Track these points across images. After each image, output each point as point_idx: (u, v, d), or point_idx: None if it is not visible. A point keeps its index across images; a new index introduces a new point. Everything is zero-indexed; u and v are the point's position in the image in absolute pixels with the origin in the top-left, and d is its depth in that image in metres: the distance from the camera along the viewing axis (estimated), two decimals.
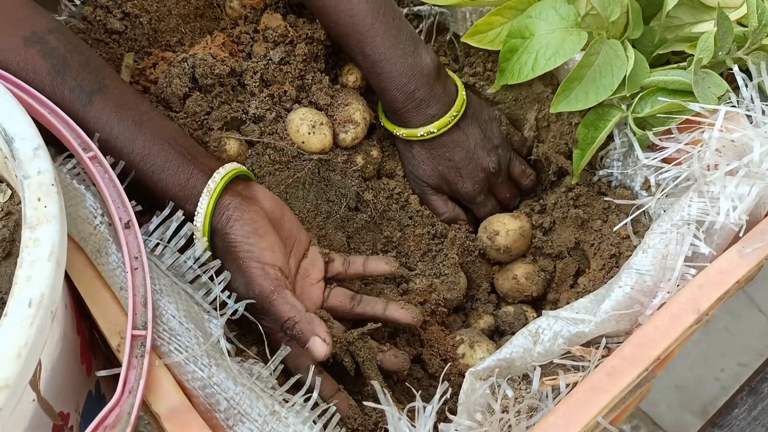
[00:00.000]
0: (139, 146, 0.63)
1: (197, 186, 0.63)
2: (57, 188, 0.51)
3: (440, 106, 0.74)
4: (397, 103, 0.74)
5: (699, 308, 0.55)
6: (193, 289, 0.61)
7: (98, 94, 0.63)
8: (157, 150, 0.63)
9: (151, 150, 0.63)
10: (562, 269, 0.76)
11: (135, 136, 0.63)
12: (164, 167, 0.63)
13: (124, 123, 0.63)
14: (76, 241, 0.60)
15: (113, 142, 0.63)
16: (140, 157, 0.63)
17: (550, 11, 0.67)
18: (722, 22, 0.67)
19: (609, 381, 0.51)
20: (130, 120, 0.63)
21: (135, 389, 0.53)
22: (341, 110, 0.74)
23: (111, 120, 0.63)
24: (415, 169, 0.79)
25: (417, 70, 0.73)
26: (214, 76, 0.71)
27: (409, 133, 0.75)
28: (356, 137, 0.75)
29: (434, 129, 0.74)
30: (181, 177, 0.63)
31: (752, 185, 0.57)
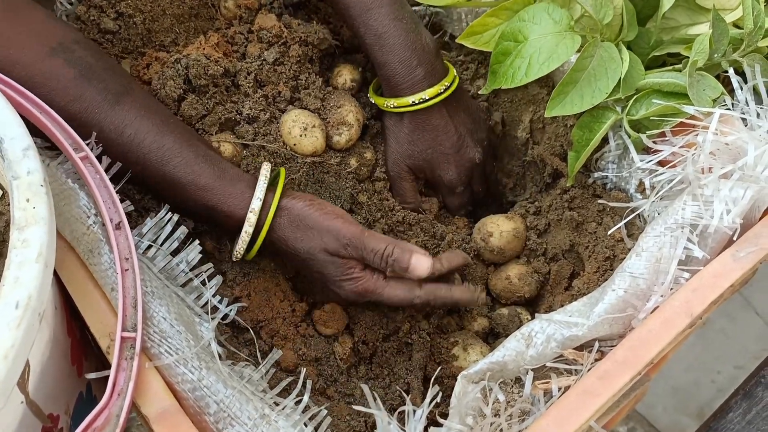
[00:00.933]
0: (169, 141, 0.64)
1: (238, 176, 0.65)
2: (46, 189, 0.50)
3: (436, 80, 0.74)
4: (397, 77, 0.73)
5: (692, 312, 0.54)
6: (185, 292, 0.60)
7: (125, 95, 0.64)
8: (187, 146, 0.64)
9: (182, 145, 0.64)
10: (557, 271, 0.75)
11: (165, 133, 0.64)
12: (197, 160, 0.64)
13: (153, 120, 0.64)
14: (68, 240, 0.60)
15: (143, 137, 0.63)
16: (171, 152, 0.64)
17: (543, 15, 0.67)
18: (718, 24, 0.67)
19: (601, 385, 0.51)
20: (158, 118, 0.65)
21: (124, 392, 0.52)
22: (334, 112, 0.74)
23: (140, 117, 0.64)
24: (401, 147, 0.77)
25: (419, 46, 0.72)
26: (207, 77, 0.71)
27: (401, 102, 0.74)
28: (350, 139, 0.75)
29: (426, 96, 0.73)
30: (215, 169, 0.64)
31: (746, 188, 0.57)
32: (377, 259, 0.64)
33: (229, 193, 0.64)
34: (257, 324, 0.67)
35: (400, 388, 0.68)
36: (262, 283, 0.69)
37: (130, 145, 0.63)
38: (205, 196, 0.64)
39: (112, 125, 0.63)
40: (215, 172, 0.64)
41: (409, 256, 0.64)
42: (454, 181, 0.78)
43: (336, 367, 0.69)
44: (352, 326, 0.72)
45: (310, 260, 0.65)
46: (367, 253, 0.64)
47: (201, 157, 0.65)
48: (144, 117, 0.64)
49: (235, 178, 0.65)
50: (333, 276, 0.66)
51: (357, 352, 0.70)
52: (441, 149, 0.77)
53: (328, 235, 0.64)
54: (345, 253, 0.65)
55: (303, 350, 0.67)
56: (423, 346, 0.71)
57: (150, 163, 0.63)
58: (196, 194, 0.64)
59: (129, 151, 0.63)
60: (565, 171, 0.76)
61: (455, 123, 0.77)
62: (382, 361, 0.71)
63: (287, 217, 0.65)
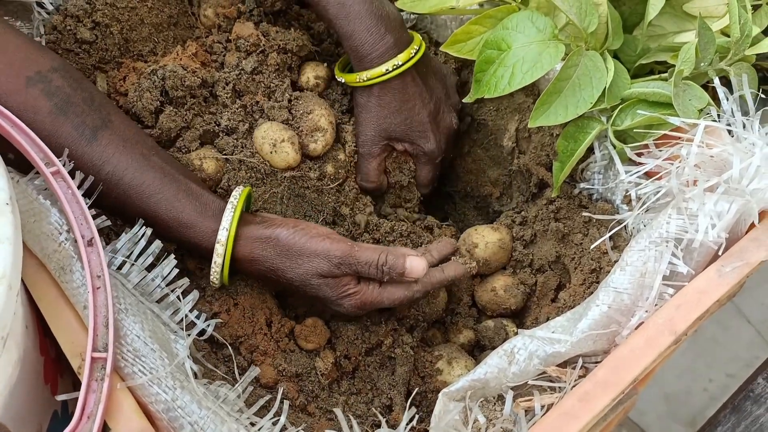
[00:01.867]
0: (149, 177, 0.63)
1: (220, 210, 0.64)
2: (12, 207, 0.49)
3: (404, 46, 0.72)
4: (366, 46, 0.71)
5: (676, 330, 0.53)
6: (160, 308, 0.59)
7: (103, 129, 0.63)
8: (169, 181, 0.63)
9: (162, 181, 0.63)
10: (543, 283, 0.74)
11: (145, 168, 0.63)
12: (178, 196, 0.63)
13: (133, 155, 0.63)
14: (39, 258, 0.59)
15: (121, 175, 0.62)
16: (152, 189, 0.63)
17: (526, 23, 0.66)
18: (704, 32, 0.66)
19: (581, 407, 0.50)
20: (138, 153, 0.63)
21: (94, 414, 0.51)
22: (305, 119, 0.72)
23: (118, 154, 0.63)
24: (377, 122, 0.75)
25: (383, 13, 0.71)
26: (185, 88, 0.70)
27: (373, 73, 0.71)
28: (326, 144, 0.73)
29: (399, 61, 0.71)
30: (197, 205, 0.64)
31: (732, 202, 0.56)
32: (372, 270, 0.64)
33: (212, 230, 0.63)
34: (236, 339, 0.66)
35: (381, 404, 0.67)
36: (248, 299, 0.67)
37: (109, 183, 0.62)
38: (187, 233, 0.63)
39: (90, 163, 0.61)
40: (197, 207, 0.64)
41: (403, 261, 0.64)
42: (435, 151, 0.77)
43: (317, 383, 0.67)
44: (334, 340, 0.70)
45: (305, 286, 0.65)
46: (360, 267, 0.64)
47: (182, 193, 0.64)
48: (123, 152, 0.63)
49: (217, 213, 0.64)
50: (330, 297, 0.65)
51: (339, 367, 0.69)
52: (419, 119, 0.75)
53: (318, 259, 0.64)
54: (338, 272, 0.64)
55: (283, 366, 0.66)
56: (406, 361, 0.70)
57: (130, 200, 0.63)
58: (178, 231, 0.63)
59: (108, 188, 0.62)
60: (550, 181, 0.74)
61: (429, 89, 0.75)
62: (364, 375, 0.70)
63: (275, 248, 0.64)
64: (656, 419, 1.28)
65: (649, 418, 1.28)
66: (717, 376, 1.29)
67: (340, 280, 0.65)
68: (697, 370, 1.30)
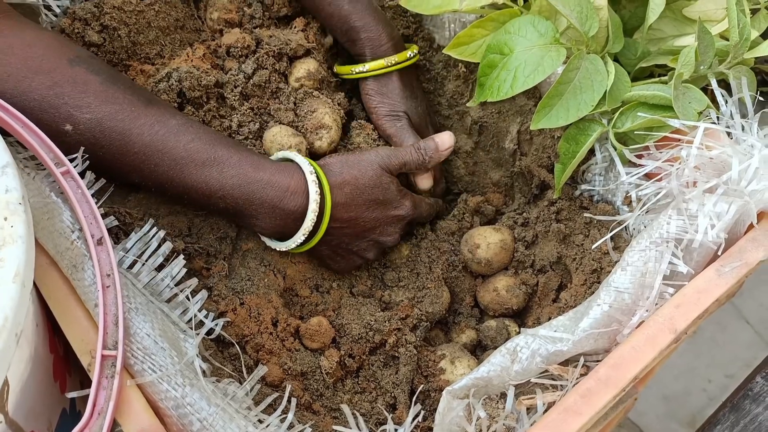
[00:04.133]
0: (214, 132, 0.67)
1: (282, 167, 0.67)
2: (25, 207, 0.50)
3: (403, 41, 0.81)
4: (384, 36, 0.77)
5: (676, 328, 0.54)
6: (170, 308, 0.60)
7: (155, 100, 0.65)
8: (233, 149, 0.66)
9: (225, 136, 0.67)
10: (545, 283, 0.75)
11: (216, 135, 0.66)
12: (248, 150, 0.67)
13: (190, 119, 0.66)
14: (52, 255, 0.59)
15: (191, 122, 0.65)
16: (220, 136, 0.66)
17: (528, 27, 0.67)
18: (703, 36, 0.67)
19: (583, 403, 0.51)
20: (193, 120, 0.66)
21: (104, 411, 0.52)
22: (310, 118, 0.74)
23: (181, 115, 0.65)
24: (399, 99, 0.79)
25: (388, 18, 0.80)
26: (201, 88, 0.71)
27: (401, 56, 0.78)
28: (332, 141, 0.75)
29: (416, 50, 0.80)
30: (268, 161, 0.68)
31: (731, 203, 0.57)
32: (415, 154, 0.74)
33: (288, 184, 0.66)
34: (243, 339, 0.66)
35: (385, 402, 0.68)
36: (253, 299, 0.68)
37: (179, 131, 0.63)
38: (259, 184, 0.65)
39: (154, 117, 0.63)
40: (269, 162, 0.67)
41: (432, 140, 0.75)
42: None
43: (322, 382, 0.68)
44: (338, 340, 0.71)
45: (381, 187, 0.71)
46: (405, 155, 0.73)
47: (245, 150, 0.67)
48: (182, 114, 0.66)
49: (286, 169, 0.67)
50: (395, 196, 0.72)
51: (344, 366, 0.70)
52: (424, 109, 0.81)
53: (373, 155, 0.71)
54: (392, 165, 0.72)
55: (289, 365, 0.67)
56: (410, 360, 0.70)
57: (202, 146, 0.64)
58: (248, 183, 0.65)
59: (177, 137, 0.63)
60: (552, 183, 0.75)
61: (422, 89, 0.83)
62: (368, 374, 0.71)
63: (342, 167, 0.70)
64: (655, 419, 1.29)
65: (649, 418, 1.29)
66: (716, 376, 1.30)
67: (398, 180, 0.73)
68: (696, 370, 1.31)
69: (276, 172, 0.66)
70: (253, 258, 0.72)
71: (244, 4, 0.79)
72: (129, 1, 0.73)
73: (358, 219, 0.71)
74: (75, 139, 0.61)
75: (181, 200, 0.67)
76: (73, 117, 0.61)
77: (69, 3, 0.73)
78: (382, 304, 0.75)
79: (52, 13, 0.74)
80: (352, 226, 0.71)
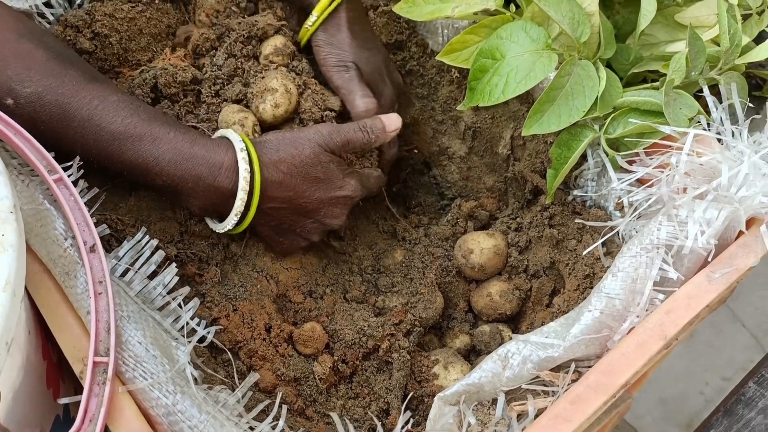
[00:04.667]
0: (154, 110, 0.66)
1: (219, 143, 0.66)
2: (16, 215, 0.50)
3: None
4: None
5: (666, 335, 0.54)
6: (162, 316, 0.60)
7: (101, 78, 0.64)
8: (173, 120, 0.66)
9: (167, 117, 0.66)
10: (538, 288, 0.75)
11: (155, 112, 0.65)
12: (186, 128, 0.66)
13: (130, 98, 0.65)
14: (45, 262, 0.60)
15: (130, 99, 0.64)
16: (159, 113, 0.65)
17: (520, 33, 0.67)
18: (694, 42, 0.67)
19: (573, 410, 0.51)
20: (135, 99, 0.66)
21: (96, 417, 0.52)
22: (257, 83, 0.72)
23: (123, 92, 0.65)
24: (350, 49, 0.76)
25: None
26: (177, 84, 0.71)
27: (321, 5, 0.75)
28: (277, 104, 0.71)
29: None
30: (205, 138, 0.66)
31: (720, 209, 0.57)
32: (359, 134, 0.71)
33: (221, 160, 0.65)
34: (236, 345, 0.67)
35: (378, 408, 0.68)
36: (246, 305, 0.68)
37: (119, 106, 0.63)
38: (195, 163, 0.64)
39: (95, 92, 0.62)
40: (206, 140, 0.66)
41: (379, 120, 0.72)
42: (390, 98, 0.80)
43: (315, 387, 0.68)
44: (332, 345, 0.71)
45: (320, 166, 0.68)
46: (348, 133, 0.70)
47: (189, 130, 0.66)
48: (127, 93, 0.65)
49: (222, 146, 0.66)
50: (338, 176, 0.70)
51: (337, 372, 0.70)
52: (377, 61, 0.78)
53: (312, 132, 0.69)
54: (333, 144, 0.69)
55: (282, 370, 0.67)
56: (403, 365, 0.70)
57: (140, 122, 0.63)
58: (185, 162, 0.64)
59: (116, 111, 0.63)
60: (545, 188, 0.76)
61: (375, 39, 0.80)
62: (362, 380, 0.71)
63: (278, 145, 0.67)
64: (652, 422, 1.29)
65: (645, 421, 1.29)
66: (713, 379, 1.30)
67: (341, 160, 0.71)
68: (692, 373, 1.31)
69: (211, 149, 0.65)
70: (245, 264, 0.72)
71: (232, 4, 0.79)
72: (120, 8, 0.73)
73: (298, 198, 0.68)
74: (17, 113, 0.61)
75: (124, 177, 0.66)
76: (14, 91, 0.61)
77: (62, 11, 0.73)
78: (375, 309, 0.75)
79: (46, 20, 0.74)
80: (292, 205, 0.69)
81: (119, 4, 0.74)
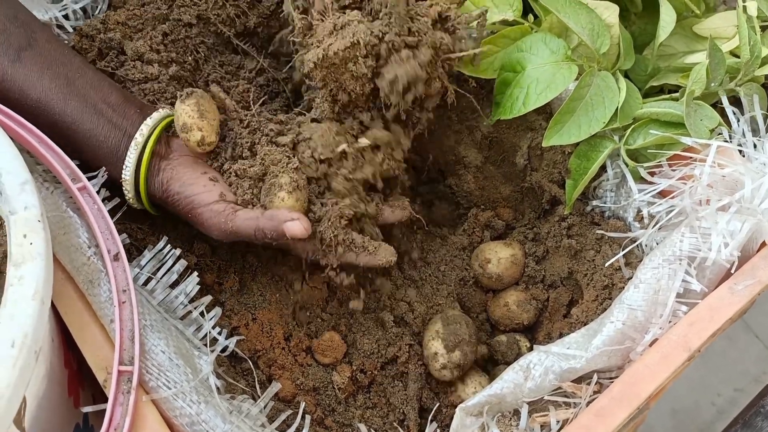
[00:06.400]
0: (71, 108, 0.62)
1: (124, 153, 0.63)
2: (44, 224, 0.50)
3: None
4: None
5: (690, 347, 0.54)
6: (184, 325, 0.60)
7: (27, 50, 0.61)
8: (89, 114, 0.62)
9: (83, 114, 0.62)
10: (555, 299, 0.75)
11: (68, 97, 0.62)
12: (95, 133, 0.62)
13: (57, 81, 0.62)
14: (68, 270, 0.60)
15: (45, 102, 0.62)
16: (71, 119, 0.62)
17: (540, 45, 0.67)
18: (714, 53, 0.67)
19: (598, 422, 0.51)
20: (62, 77, 0.62)
21: (120, 427, 0.52)
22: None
23: (42, 78, 0.61)
24: None
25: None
26: None
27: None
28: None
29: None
30: (111, 142, 0.63)
31: (744, 221, 0.57)
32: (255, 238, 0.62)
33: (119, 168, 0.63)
34: (255, 354, 0.67)
35: (396, 418, 0.68)
36: (266, 314, 0.68)
37: (36, 111, 0.61)
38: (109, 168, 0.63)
39: (16, 86, 0.61)
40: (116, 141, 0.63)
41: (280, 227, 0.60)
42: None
43: (334, 397, 0.68)
44: (350, 354, 0.71)
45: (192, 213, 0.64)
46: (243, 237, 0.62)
47: (103, 125, 0.63)
48: (48, 76, 0.62)
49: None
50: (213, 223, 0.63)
51: (355, 381, 0.70)
52: None
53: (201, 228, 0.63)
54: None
55: (301, 380, 0.67)
56: (419, 377, 0.70)
57: (57, 129, 0.62)
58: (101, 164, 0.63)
59: (36, 116, 0.61)
60: (563, 198, 0.76)
61: None
62: (380, 390, 0.71)
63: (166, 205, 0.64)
64: None
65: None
66: (725, 390, 1.30)
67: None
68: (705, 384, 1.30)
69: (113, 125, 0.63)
70: (264, 273, 0.72)
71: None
72: (133, 16, 0.74)
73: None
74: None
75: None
76: None
77: (81, 23, 0.74)
78: (394, 319, 0.75)
79: (65, 32, 0.75)
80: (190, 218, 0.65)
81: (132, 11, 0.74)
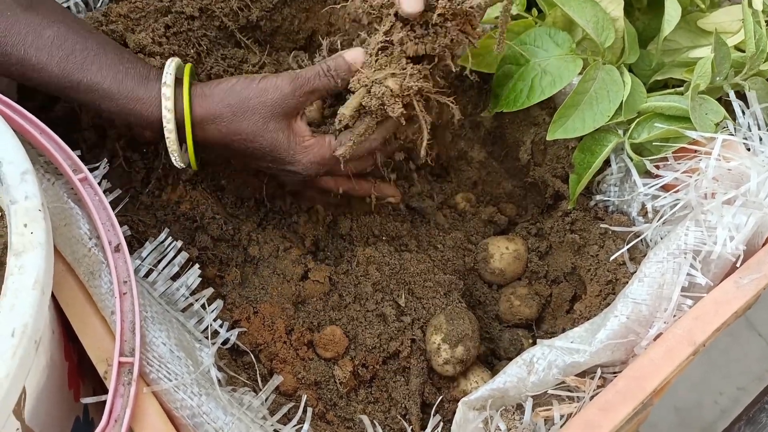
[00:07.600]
0: (93, 44, 0.61)
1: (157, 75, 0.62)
2: (44, 214, 0.50)
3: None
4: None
5: (695, 341, 0.54)
6: (185, 317, 0.60)
7: (40, 3, 0.61)
8: (111, 48, 0.62)
9: (105, 48, 0.62)
10: (558, 294, 0.75)
11: (87, 36, 0.61)
12: (122, 62, 0.61)
13: (74, 23, 0.62)
14: (69, 262, 0.59)
15: (65, 37, 0.60)
16: (95, 52, 0.61)
17: (545, 38, 0.67)
18: (719, 47, 0.67)
19: (603, 416, 0.50)
20: (79, 23, 0.62)
21: (121, 418, 0.52)
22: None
23: (60, 19, 0.61)
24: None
25: None
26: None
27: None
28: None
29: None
30: (141, 72, 0.62)
31: (749, 215, 0.56)
32: (323, 80, 0.63)
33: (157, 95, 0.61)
34: (256, 347, 0.66)
35: (398, 413, 0.68)
36: (267, 307, 0.68)
37: (52, 47, 0.60)
38: (132, 101, 0.62)
39: (30, 26, 0.60)
40: (142, 73, 0.62)
41: (342, 58, 0.63)
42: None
43: (335, 391, 0.68)
44: (352, 349, 0.71)
45: (263, 140, 0.62)
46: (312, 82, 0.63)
47: (126, 60, 0.62)
48: (64, 19, 0.61)
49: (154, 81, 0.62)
50: (287, 151, 0.63)
51: (357, 376, 0.70)
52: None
53: (269, 93, 0.62)
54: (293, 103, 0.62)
55: (302, 374, 0.67)
56: (421, 372, 0.70)
57: (74, 64, 0.61)
58: (123, 100, 0.61)
59: (51, 53, 0.60)
60: (566, 193, 0.75)
61: None
62: (381, 384, 0.70)
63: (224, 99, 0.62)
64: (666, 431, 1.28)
65: (659, 429, 1.28)
66: (727, 388, 1.29)
67: (296, 130, 0.63)
68: (707, 382, 1.30)
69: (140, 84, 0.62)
70: (266, 266, 0.71)
71: None
72: (135, 8, 0.73)
73: (243, 159, 0.64)
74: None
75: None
76: None
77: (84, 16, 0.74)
78: (396, 313, 0.75)
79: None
80: (238, 159, 0.64)
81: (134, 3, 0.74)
